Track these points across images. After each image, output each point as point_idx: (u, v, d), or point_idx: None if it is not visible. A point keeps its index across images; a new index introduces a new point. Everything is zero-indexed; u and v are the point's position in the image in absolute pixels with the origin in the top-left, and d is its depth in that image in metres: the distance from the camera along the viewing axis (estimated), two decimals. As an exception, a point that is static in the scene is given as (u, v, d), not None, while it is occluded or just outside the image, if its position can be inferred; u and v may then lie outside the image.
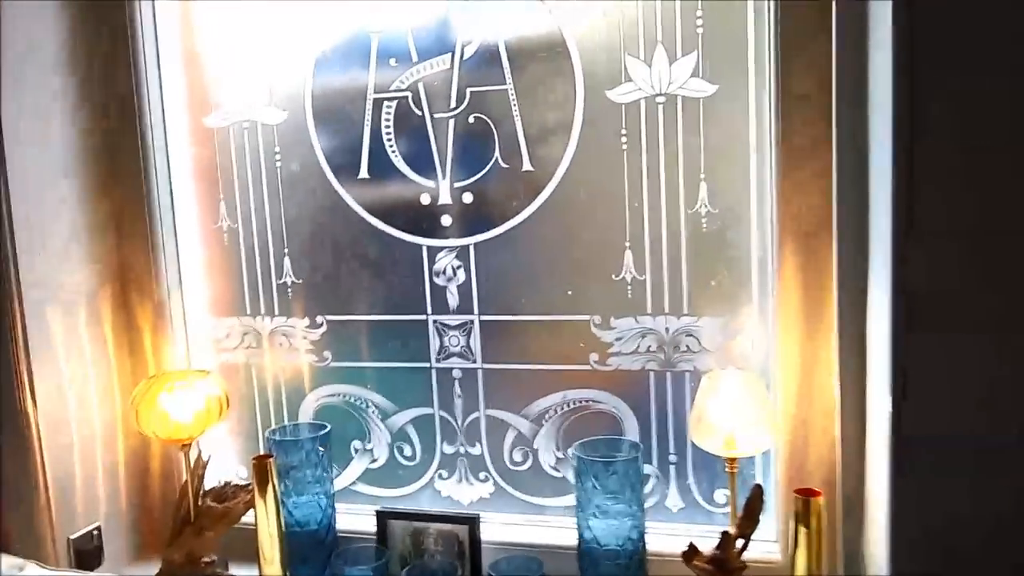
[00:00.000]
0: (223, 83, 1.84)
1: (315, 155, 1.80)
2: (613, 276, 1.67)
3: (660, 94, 1.60)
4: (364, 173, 1.78)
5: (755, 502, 1.41)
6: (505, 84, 1.67)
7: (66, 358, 1.73)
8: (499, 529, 1.75)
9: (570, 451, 1.71)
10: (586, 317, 1.69)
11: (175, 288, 1.86)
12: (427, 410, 1.82)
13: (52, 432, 1.69)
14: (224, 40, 1.83)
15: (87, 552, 1.74)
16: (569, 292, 1.70)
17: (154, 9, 1.81)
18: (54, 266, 1.71)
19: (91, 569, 1.73)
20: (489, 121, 1.69)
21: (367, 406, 1.86)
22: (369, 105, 1.75)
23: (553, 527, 1.75)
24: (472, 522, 1.69)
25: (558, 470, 1.77)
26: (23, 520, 1.67)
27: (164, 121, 1.83)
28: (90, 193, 1.79)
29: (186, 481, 1.70)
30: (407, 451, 1.85)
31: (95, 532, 1.77)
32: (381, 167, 1.76)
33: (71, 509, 1.73)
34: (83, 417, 1.77)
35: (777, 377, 1.53)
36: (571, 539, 1.58)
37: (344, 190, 1.80)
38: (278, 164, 1.83)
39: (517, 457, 1.79)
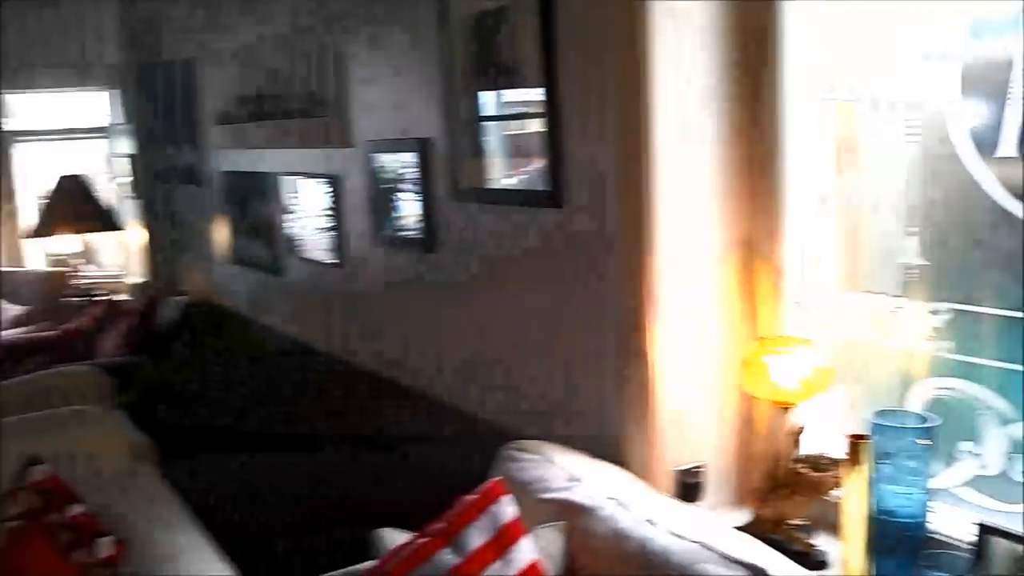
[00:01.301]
0: (857, 58, 1.81)
1: (951, 130, 1.67)
2: None
3: None
4: (1006, 151, 1.59)
5: None
6: None
7: (689, 313, 1.90)
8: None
9: None
10: None
11: (795, 258, 1.91)
12: (1056, 426, 1.59)
13: (671, 375, 1.89)
14: (865, 11, 1.79)
15: (688, 486, 1.91)
16: None
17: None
18: (689, 231, 1.88)
19: (690, 502, 1.91)
20: None
21: (984, 408, 1.70)
22: (1021, 75, 1.56)
23: None
24: (1094, 564, 1.45)
25: None
26: (639, 448, 1.92)
27: (791, 96, 1.86)
28: (726, 169, 1.91)
29: (782, 444, 1.77)
30: (1025, 467, 1.65)
31: (699, 470, 1.94)
32: (1026, 146, 1.56)
33: (680, 445, 1.92)
34: (699, 366, 1.93)
35: None
36: None
37: (979, 170, 1.63)
38: (913, 139, 1.74)
39: None
